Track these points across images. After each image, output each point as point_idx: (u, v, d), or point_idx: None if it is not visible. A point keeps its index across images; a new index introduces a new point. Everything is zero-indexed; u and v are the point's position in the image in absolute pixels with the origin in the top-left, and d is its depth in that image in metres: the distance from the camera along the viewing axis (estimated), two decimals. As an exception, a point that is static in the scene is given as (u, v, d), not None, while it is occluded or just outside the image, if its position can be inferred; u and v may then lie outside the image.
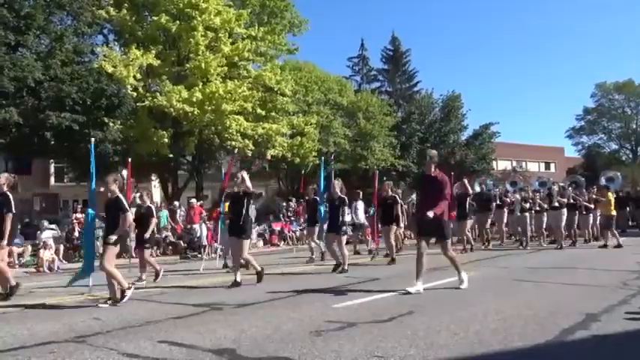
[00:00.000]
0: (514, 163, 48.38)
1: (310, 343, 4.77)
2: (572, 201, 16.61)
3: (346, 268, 10.66)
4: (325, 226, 11.78)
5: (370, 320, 5.69)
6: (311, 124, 27.02)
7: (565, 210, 15.94)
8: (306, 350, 4.50)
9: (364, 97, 35.82)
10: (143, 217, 10.40)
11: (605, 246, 15.17)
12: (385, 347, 4.54)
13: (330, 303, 6.82)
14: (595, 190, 18.64)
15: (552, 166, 55.64)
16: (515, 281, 8.96)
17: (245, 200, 9.17)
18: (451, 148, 38.21)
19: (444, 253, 8.07)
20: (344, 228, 11.26)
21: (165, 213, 18.79)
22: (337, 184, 11.21)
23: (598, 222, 17.71)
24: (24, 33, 17.89)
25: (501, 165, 46.05)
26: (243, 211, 9.09)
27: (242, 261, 9.66)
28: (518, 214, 17.03)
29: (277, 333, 5.22)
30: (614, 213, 15.94)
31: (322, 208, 12.45)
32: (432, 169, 7.95)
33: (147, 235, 10.35)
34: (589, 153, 56.99)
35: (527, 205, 16.86)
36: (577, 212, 16.84)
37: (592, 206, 17.30)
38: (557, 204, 15.96)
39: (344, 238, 11.12)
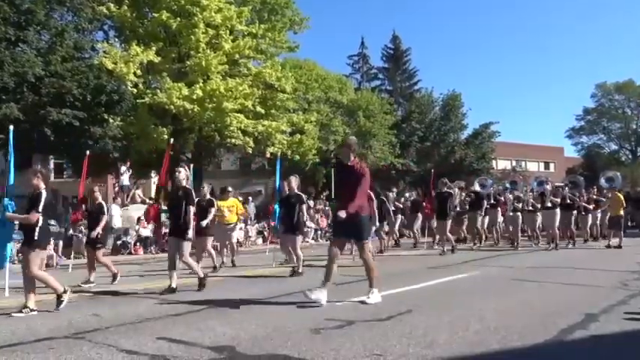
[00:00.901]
0: (514, 163, 48.37)
1: (309, 341, 4.77)
2: (568, 201, 16.29)
3: (300, 271, 9.91)
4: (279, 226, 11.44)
5: (369, 319, 5.69)
6: (311, 122, 27.00)
7: (558, 210, 15.53)
8: (305, 348, 4.50)
9: (364, 96, 35.84)
10: (93, 215, 9.78)
11: (609, 246, 15.23)
12: (384, 346, 4.54)
13: (330, 301, 6.81)
14: (595, 190, 18.67)
15: (552, 165, 55.63)
16: (514, 281, 8.97)
17: (184, 201, 8.17)
18: (451, 147, 38.20)
19: (360, 255, 7.03)
20: (301, 228, 10.62)
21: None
22: (294, 181, 10.43)
23: (599, 222, 17.83)
24: (24, 28, 17.89)
25: (501, 164, 46.04)
26: (182, 212, 8.14)
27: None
28: (511, 213, 16.83)
29: (276, 331, 5.22)
30: (622, 213, 16.00)
31: (277, 207, 12.08)
32: (351, 158, 6.89)
33: (94, 234, 9.59)
34: (589, 153, 57.00)
35: (520, 205, 16.59)
36: (574, 212, 16.60)
37: (591, 207, 17.21)
38: (549, 204, 15.61)
39: (299, 239, 10.37)
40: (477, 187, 18.07)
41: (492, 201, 17.34)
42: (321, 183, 31.46)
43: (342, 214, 6.47)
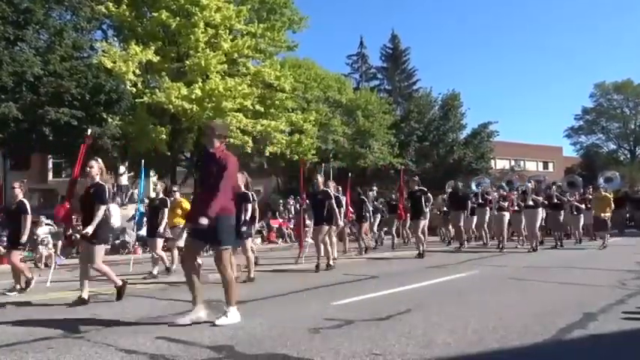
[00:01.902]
0: (512, 163, 48.41)
1: (308, 340, 4.77)
2: (555, 200, 15.83)
3: (252, 276, 9.23)
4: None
5: (368, 318, 5.69)
6: (310, 122, 27.00)
7: (541, 209, 14.83)
8: (304, 348, 4.50)
9: (363, 95, 35.83)
10: (14, 214, 8.74)
11: (604, 247, 14.89)
12: (383, 345, 4.55)
13: (329, 300, 6.83)
14: (591, 190, 18.56)
15: (550, 165, 55.70)
16: (512, 280, 8.98)
17: (95, 199, 7.27)
18: (450, 147, 38.21)
19: (216, 264, 5.63)
20: (245, 229, 9.29)
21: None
22: (241, 179, 9.43)
23: (582, 223, 17.16)
24: (23, 27, 17.87)
25: (500, 164, 46.08)
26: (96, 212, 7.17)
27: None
28: (495, 212, 16.25)
29: (275, 330, 5.22)
30: (608, 214, 15.64)
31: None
32: (215, 144, 5.69)
33: (23, 238, 8.64)
34: (587, 153, 57.09)
35: (506, 204, 15.82)
36: (562, 212, 16.12)
37: (583, 206, 16.78)
38: (531, 202, 14.77)
39: (248, 242, 9.45)
40: (473, 187, 17.98)
41: (480, 200, 16.79)
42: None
43: (204, 221, 5.23)
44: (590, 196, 17.67)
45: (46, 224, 15.08)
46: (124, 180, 18.71)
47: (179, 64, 22.70)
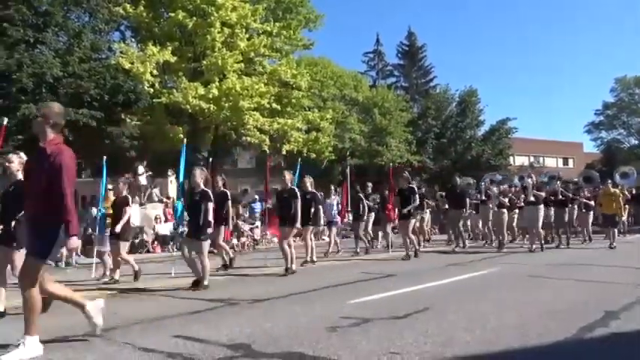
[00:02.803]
0: (532, 159, 47.94)
1: (325, 338, 4.75)
2: (560, 197, 14.97)
3: (206, 283, 8.16)
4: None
5: (385, 316, 5.65)
6: (326, 120, 27.01)
7: (542, 206, 13.76)
8: (321, 346, 4.49)
9: (380, 93, 35.76)
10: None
11: (612, 248, 13.94)
12: (401, 344, 4.51)
13: (345, 299, 6.80)
14: (609, 186, 17.93)
15: (570, 161, 55.04)
16: (531, 278, 8.88)
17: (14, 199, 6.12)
18: (467, 144, 37.97)
19: (21, 277, 4.57)
20: (207, 231, 8.46)
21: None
22: (200, 175, 8.55)
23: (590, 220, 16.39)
24: (42, 30, 18.12)
25: (519, 160, 45.67)
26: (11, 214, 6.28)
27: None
28: (495, 209, 15.17)
29: (292, 328, 5.21)
30: (617, 211, 14.84)
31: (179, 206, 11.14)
32: (48, 136, 4.84)
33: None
34: (608, 148, 56.22)
35: (506, 200, 14.94)
36: (567, 209, 15.27)
37: (592, 203, 15.98)
38: (532, 199, 13.91)
39: (205, 245, 8.43)
40: (484, 184, 16.83)
41: (484, 197, 15.73)
42: (337, 180, 31.45)
43: (74, 243, 4.44)
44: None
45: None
46: (143, 180, 18.81)
47: (196, 64, 22.84)
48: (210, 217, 8.32)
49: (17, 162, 6.61)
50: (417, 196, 13.05)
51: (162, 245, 16.50)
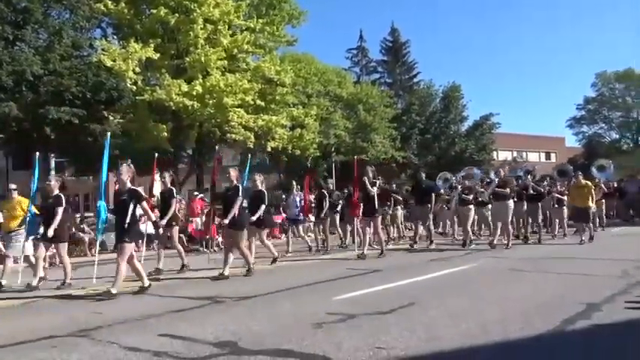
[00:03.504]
0: (515, 154, 48.32)
1: (311, 335, 4.77)
2: (531, 191, 14.33)
3: (114, 291, 7.28)
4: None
5: (371, 312, 5.69)
6: (311, 116, 27.00)
7: (511, 202, 13.07)
8: (307, 342, 4.51)
9: (364, 89, 35.80)
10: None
11: (582, 243, 13.23)
12: (386, 339, 4.55)
13: (331, 295, 6.83)
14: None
15: (553, 156, 55.55)
16: (514, 272, 8.96)
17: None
18: (451, 139, 38.20)
19: None
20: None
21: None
22: (127, 171, 7.89)
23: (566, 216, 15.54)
24: (22, 27, 17.89)
25: (502, 155, 46.01)
26: None
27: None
28: (459, 206, 14.46)
29: (278, 325, 5.23)
30: (591, 204, 13.82)
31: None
32: None
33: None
34: (590, 143, 56.86)
35: (471, 197, 14.03)
36: (539, 204, 14.58)
37: (565, 198, 15.26)
38: (486, 195, 13.39)
39: (128, 248, 7.52)
40: (439, 183, 16.11)
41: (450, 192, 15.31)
42: (322, 176, 31.49)
43: None
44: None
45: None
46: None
47: (179, 61, 22.70)
48: (135, 217, 7.61)
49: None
50: (375, 189, 12.18)
51: (147, 244, 16.37)
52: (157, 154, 12.51)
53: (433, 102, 40.23)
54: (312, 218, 15.21)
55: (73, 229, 14.13)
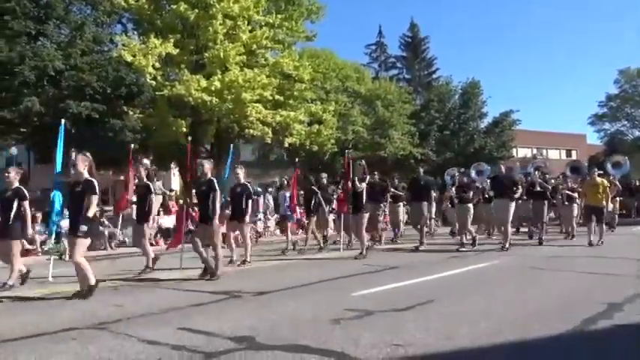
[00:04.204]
0: (535, 151, 47.81)
1: (329, 331, 4.77)
2: (538, 188, 13.83)
3: (92, 282, 6.97)
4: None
5: (389, 309, 5.67)
6: (329, 112, 26.97)
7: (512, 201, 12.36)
8: (324, 338, 4.50)
9: (382, 85, 35.67)
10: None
11: (590, 245, 12.37)
12: (404, 336, 4.52)
13: (349, 291, 6.82)
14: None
15: (574, 153, 54.83)
16: (534, 270, 8.88)
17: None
18: (470, 136, 37.87)
19: None
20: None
21: None
22: (82, 161, 7.47)
23: (576, 215, 15.19)
24: (44, 22, 18.12)
25: (522, 152, 45.56)
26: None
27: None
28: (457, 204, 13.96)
29: (296, 321, 5.23)
30: (603, 203, 12.88)
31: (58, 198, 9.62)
32: None
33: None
34: (612, 140, 56.01)
35: (470, 194, 13.52)
36: (546, 202, 13.93)
37: (576, 195, 14.76)
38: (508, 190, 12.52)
39: (82, 243, 7.08)
40: (472, 174, 15.67)
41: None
42: (340, 172, 31.46)
43: None
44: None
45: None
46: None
47: (198, 57, 22.80)
48: (93, 210, 6.99)
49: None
50: (364, 185, 11.85)
51: (165, 238, 16.54)
52: (133, 145, 12.19)
53: (452, 98, 39.92)
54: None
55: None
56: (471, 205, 13.22)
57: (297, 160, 18.62)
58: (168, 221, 16.94)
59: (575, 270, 8.73)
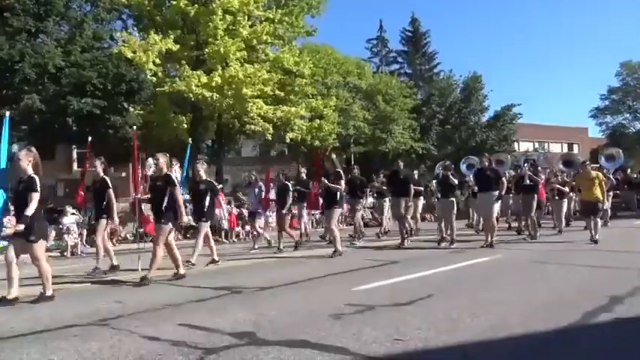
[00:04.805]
0: (536, 145, 47.72)
1: (329, 326, 4.76)
2: (528, 181, 13.13)
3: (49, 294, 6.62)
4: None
5: (389, 303, 5.66)
6: (330, 107, 26.93)
7: (496, 193, 11.48)
8: (325, 333, 4.49)
9: (383, 80, 35.62)
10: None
11: (594, 241, 11.51)
12: (405, 330, 4.51)
13: (349, 286, 6.81)
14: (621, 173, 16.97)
15: (575, 147, 54.70)
16: (536, 263, 8.86)
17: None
18: (472, 130, 37.81)
19: None
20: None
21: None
22: (25, 156, 6.81)
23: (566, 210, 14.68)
24: (44, 20, 18.13)
25: (523, 146, 45.46)
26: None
27: None
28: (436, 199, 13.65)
29: (296, 316, 5.23)
30: (599, 196, 11.93)
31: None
32: None
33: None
34: (613, 133, 55.87)
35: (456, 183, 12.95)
36: (535, 195, 13.20)
37: (567, 189, 14.23)
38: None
39: (37, 247, 6.54)
40: (462, 168, 15.79)
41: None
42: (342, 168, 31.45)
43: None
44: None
45: (72, 214, 15.33)
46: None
47: (198, 52, 22.78)
48: (32, 209, 6.38)
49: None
50: (343, 181, 11.18)
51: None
52: (90, 138, 11.56)
53: (453, 92, 39.82)
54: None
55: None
56: (453, 200, 12.65)
57: (297, 157, 18.53)
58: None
59: (577, 263, 8.71)
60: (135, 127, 12.45)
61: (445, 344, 4.18)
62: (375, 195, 15.05)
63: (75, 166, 34.70)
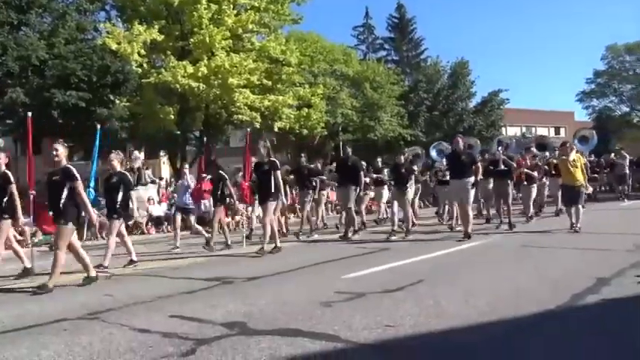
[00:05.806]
0: (524, 129, 47.96)
1: (320, 314, 4.79)
2: (502, 166, 12.38)
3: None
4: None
5: (379, 290, 5.69)
6: (317, 95, 26.83)
7: (471, 179, 10.69)
8: (315, 321, 4.52)
9: (370, 67, 35.53)
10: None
11: (575, 231, 10.67)
12: (395, 317, 4.55)
13: (339, 274, 6.84)
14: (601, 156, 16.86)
15: (562, 130, 55.05)
16: (524, 247, 8.94)
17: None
18: (459, 116, 37.90)
19: None
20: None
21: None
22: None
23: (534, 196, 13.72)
24: (26, 12, 17.83)
25: (511, 131, 45.67)
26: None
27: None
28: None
29: (287, 305, 5.24)
30: (581, 181, 11.02)
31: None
32: None
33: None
34: (600, 116, 56.24)
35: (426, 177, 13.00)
36: (509, 181, 12.53)
37: (535, 174, 13.45)
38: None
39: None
40: (433, 154, 15.34)
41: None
42: (330, 156, 31.41)
43: None
44: (555, 161, 13.65)
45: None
46: (138, 163, 18.58)
47: (184, 43, 22.55)
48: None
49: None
50: (279, 172, 9.99)
51: (156, 226, 16.50)
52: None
53: (441, 79, 39.83)
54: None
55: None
56: (409, 189, 12.08)
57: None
58: (159, 209, 16.89)
59: (564, 246, 8.81)
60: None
61: (435, 329, 4.22)
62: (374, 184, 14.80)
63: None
